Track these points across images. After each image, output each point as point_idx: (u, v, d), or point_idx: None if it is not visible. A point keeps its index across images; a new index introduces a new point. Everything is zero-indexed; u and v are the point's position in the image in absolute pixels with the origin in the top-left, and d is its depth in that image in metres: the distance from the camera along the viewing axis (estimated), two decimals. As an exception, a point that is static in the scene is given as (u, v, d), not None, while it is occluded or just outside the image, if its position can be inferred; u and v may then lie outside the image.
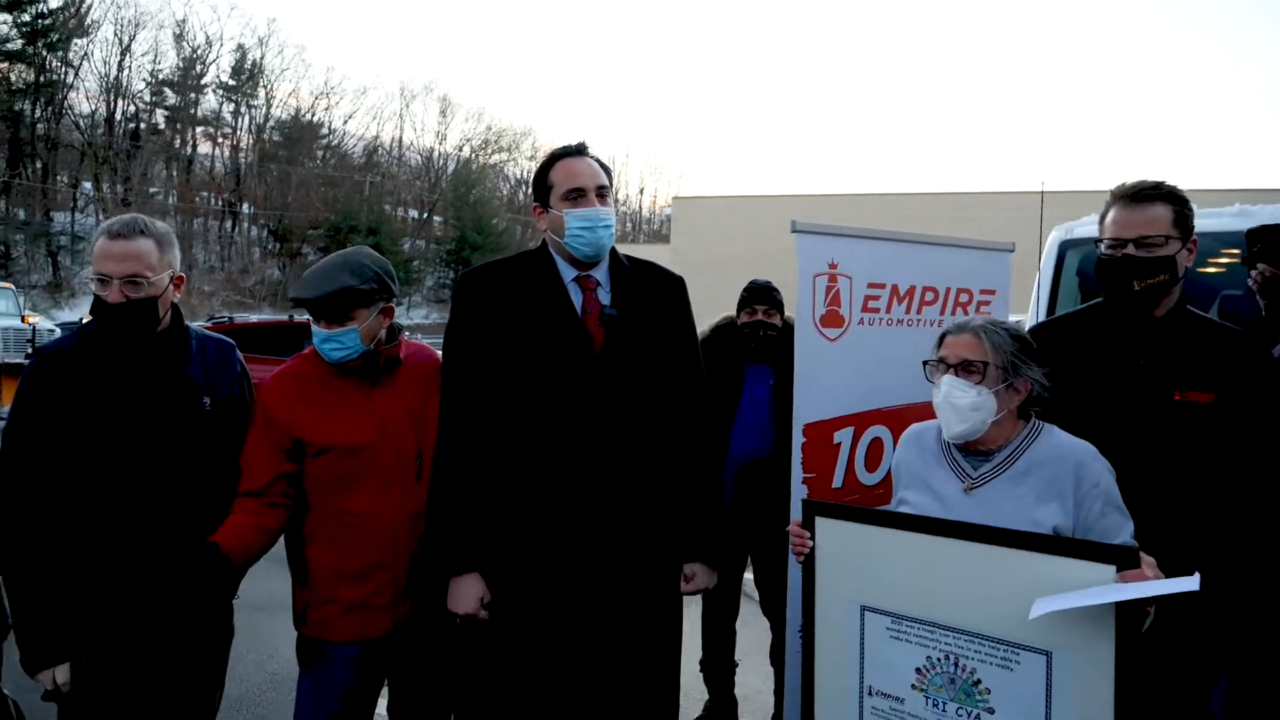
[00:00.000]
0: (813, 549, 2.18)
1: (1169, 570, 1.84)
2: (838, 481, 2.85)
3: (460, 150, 61.60)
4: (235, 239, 50.93)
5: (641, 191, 69.46)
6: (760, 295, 3.76)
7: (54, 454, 2.24)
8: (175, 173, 50.17)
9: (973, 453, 2.15)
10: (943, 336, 2.18)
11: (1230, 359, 2.22)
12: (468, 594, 2.29)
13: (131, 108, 47.74)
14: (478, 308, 2.32)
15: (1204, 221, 3.66)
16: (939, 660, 2.04)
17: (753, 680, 4.22)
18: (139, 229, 2.29)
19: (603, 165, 2.40)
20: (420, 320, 48.14)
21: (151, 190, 47.55)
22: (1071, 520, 2.03)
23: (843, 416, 2.84)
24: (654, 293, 2.43)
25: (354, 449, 2.36)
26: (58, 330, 17.13)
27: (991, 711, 1.97)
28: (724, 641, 4.00)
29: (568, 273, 2.34)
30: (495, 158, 63.69)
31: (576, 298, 2.34)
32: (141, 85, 47.88)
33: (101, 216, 44.00)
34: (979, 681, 1.98)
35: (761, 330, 3.70)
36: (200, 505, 2.35)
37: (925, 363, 2.19)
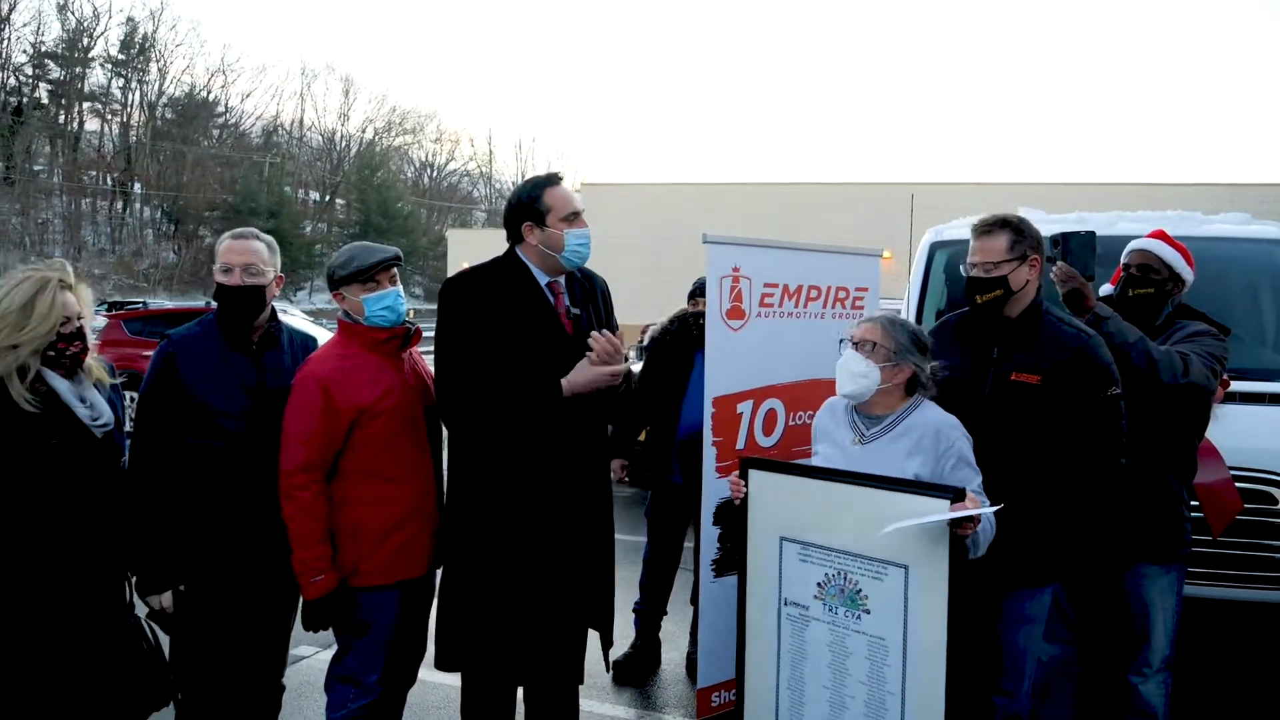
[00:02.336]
0: (746, 494, 2.80)
1: (1001, 502, 2.54)
2: (740, 444, 3.46)
3: (363, 132, 60.67)
4: (127, 220, 49.11)
5: (549, 176, 69.05)
6: (704, 288, 4.34)
7: (177, 422, 2.81)
8: (61, 150, 48.06)
9: (869, 416, 2.79)
10: (860, 323, 2.81)
11: (1056, 350, 2.88)
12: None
13: (12, 81, 45.59)
14: (471, 308, 2.80)
15: (1046, 227, 4.38)
16: (833, 576, 2.66)
17: (670, 626, 4.86)
18: (254, 235, 2.93)
19: None
20: (323, 305, 47.21)
21: (35, 168, 45.51)
22: (931, 471, 2.67)
23: (744, 391, 3.46)
24: (593, 292, 3.02)
25: (400, 408, 2.86)
26: None
27: (869, 612, 2.60)
28: (660, 592, 4.63)
29: (541, 279, 2.88)
30: (400, 140, 62.89)
31: (550, 300, 2.87)
32: (22, 57, 45.75)
33: (-22, 195, 41.89)
34: (860, 590, 2.62)
35: (703, 319, 4.26)
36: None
37: (841, 340, 2.81)
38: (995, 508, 2.49)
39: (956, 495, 2.46)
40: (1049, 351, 2.86)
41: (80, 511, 2.60)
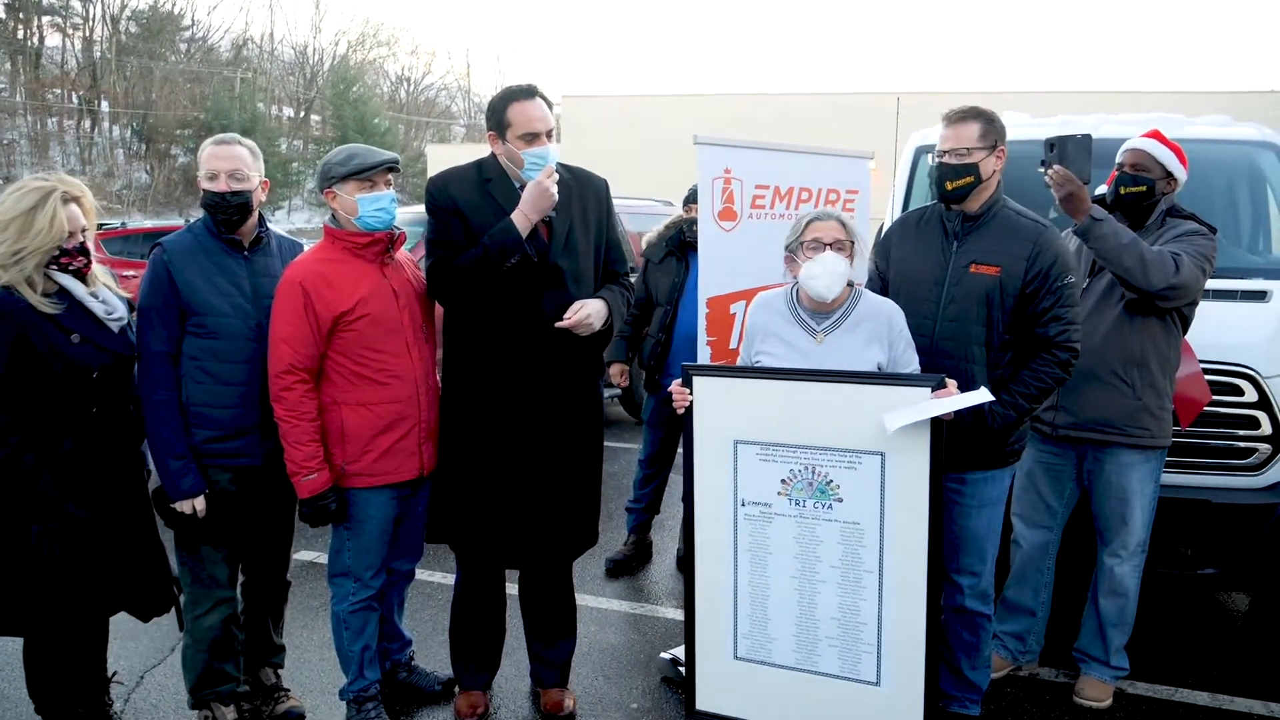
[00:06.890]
0: (692, 402, 2.85)
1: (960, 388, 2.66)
2: (733, 344, 3.57)
3: (336, 44, 58.95)
4: (96, 140, 47.79)
5: (527, 89, 67.22)
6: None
7: (176, 329, 2.87)
8: (23, 68, 46.45)
9: (817, 312, 2.87)
10: (808, 223, 2.86)
11: (1014, 241, 2.98)
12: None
13: (-34, -6, 43.80)
14: (444, 206, 2.96)
15: (1031, 130, 4.43)
16: (800, 471, 2.76)
17: (665, 531, 5.06)
18: (236, 140, 2.96)
19: (548, 102, 3.00)
20: (301, 225, 46.46)
21: (-3, 86, 44.10)
22: (888, 356, 2.81)
23: (737, 292, 3.55)
24: (584, 193, 3.08)
25: (381, 313, 2.93)
26: None
27: (841, 500, 2.73)
28: (655, 492, 4.87)
29: (517, 182, 2.97)
30: (374, 53, 61.10)
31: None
32: (-24, -32, 43.82)
33: (-61, 115, 40.58)
34: (831, 481, 2.73)
35: (695, 224, 4.35)
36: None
37: (790, 244, 2.87)
38: (990, 399, 2.62)
39: (937, 384, 2.59)
40: (1006, 242, 2.97)
41: (106, 404, 2.72)
